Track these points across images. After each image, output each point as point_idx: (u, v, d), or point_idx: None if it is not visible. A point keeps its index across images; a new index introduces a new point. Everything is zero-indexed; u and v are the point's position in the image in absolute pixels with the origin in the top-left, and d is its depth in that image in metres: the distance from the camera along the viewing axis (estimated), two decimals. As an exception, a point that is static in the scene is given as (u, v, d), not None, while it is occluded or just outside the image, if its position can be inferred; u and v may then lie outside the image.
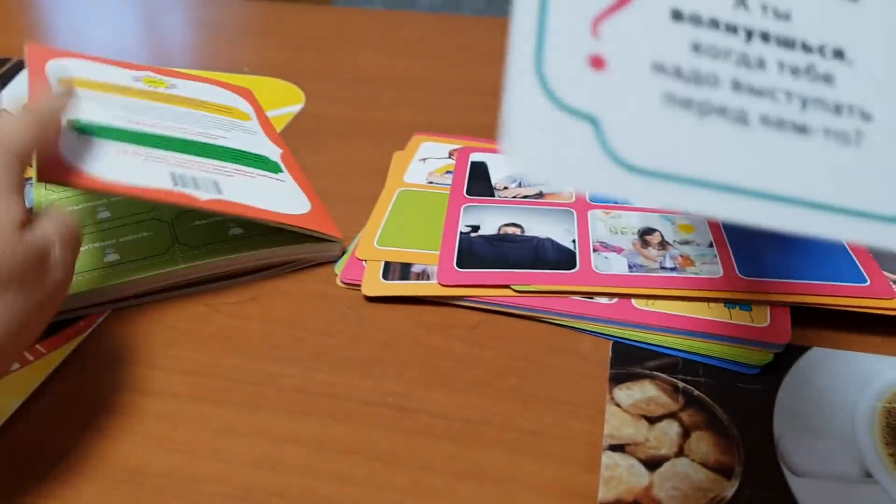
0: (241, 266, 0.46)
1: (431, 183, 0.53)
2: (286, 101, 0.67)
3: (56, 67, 0.55)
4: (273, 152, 0.55)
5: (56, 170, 0.39)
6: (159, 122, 0.51)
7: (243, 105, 0.62)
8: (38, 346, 0.41)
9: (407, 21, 0.90)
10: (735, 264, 0.45)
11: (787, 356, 0.41)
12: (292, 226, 0.46)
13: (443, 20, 0.95)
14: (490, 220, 0.49)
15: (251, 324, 0.41)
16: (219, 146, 0.51)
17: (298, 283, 0.45)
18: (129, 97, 0.54)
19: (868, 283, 0.44)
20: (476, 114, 0.66)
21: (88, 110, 0.49)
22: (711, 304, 0.43)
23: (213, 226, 0.48)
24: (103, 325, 0.42)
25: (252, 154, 0.53)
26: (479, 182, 0.53)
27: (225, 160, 0.49)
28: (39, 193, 0.52)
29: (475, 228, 0.48)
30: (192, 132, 0.52)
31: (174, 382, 0.38)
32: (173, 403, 0.37)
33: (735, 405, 0.38)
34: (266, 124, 0.60)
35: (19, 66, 0.73)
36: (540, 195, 0.51)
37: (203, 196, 0.44)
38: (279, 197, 0.49)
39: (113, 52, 0.76)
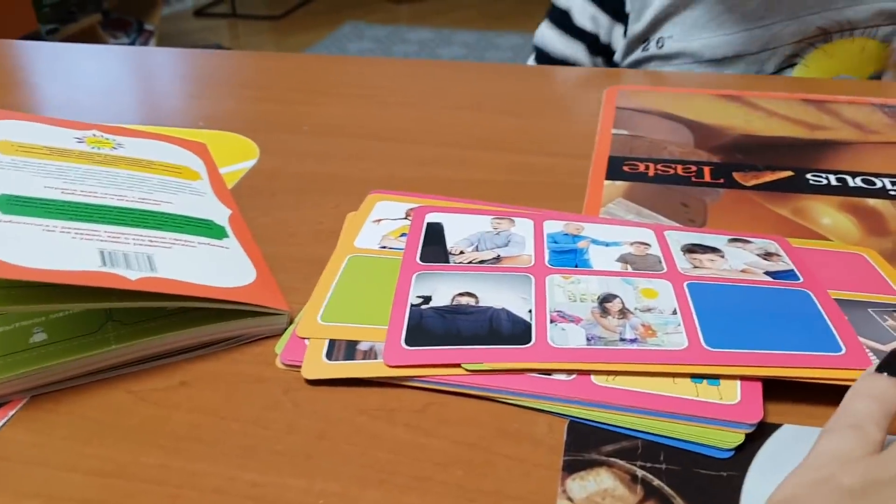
0: (178, 345, 0.43)
1: (385, 247, 0.51)
2: (239, 157, 0.64)
3: None
4: (221, 214, 0.53)
5: None
6: (97, 190, 0.49)
7: (194, 163, 0.60)
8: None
9: (374, 67, 0.88)
10: (701, 334, 0.42)
11: (755, 436, 0.38)
12: (232, 302, 0.43)
13: (414, 65, 0.93)
14: (443, 290, 0.46)
15: (177, 413, 0.38)
16: (160, 213, 0.49)
17: (233, 364, 0.42)
18: (68, 162, 0.52)
19: (843, 351, 0.41)
20: (441, 167, 0.64)
21: (18, 182, 0.47)
22: (676, 380, 0.40)
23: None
24: (16, 416, 0.39)
25: (196, 219, 0.50)
26: (433, 246, 0.50)
27: (164, 229, 0.47)
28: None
29: (427, 299, 0.45)
30: (133, 198, 0.49)
31: (86, 486, 0.35)
32: (83, 511, 0.33)
33: (698, 495, 0.35)
34: (217, 182, 0.58)
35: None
36: (497, 259, 0.49)
37: (134, 275, 0.41)
38: (221, 267, 0.46)
39: (69, 107, 0.74)
